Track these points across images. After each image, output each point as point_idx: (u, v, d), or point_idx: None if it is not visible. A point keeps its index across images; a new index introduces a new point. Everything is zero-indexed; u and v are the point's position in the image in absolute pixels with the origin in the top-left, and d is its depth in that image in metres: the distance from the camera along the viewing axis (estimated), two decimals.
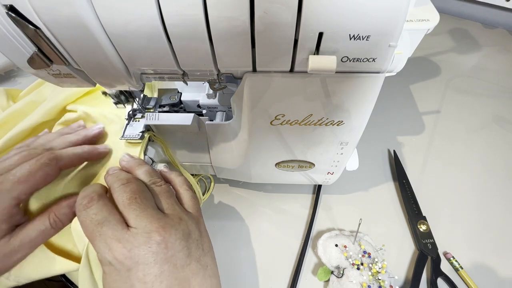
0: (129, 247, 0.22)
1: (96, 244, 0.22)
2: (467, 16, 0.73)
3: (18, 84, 0.58)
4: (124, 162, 0.29)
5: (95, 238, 0.22)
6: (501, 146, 0.47)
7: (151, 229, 0.22)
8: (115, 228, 0.22)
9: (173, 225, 0.23)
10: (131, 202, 0.23)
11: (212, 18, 0.19)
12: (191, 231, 0.25)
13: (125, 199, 0.23)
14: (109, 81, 0.24)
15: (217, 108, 0.36)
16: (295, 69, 0.23)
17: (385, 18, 0.19)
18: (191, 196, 0.28)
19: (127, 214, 0.23)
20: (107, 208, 0.23)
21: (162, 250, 0.22)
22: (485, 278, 0.34)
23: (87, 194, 0.24)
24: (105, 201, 0.24)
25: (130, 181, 0.25)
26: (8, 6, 0.18)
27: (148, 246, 0.22)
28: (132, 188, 0.24)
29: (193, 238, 0.25)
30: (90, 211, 0.23)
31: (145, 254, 0.22)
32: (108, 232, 0.22)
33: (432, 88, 0.57)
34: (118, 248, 0.21)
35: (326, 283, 0.34)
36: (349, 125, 0.28)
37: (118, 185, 0.25)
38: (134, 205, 0.23)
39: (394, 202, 0.41)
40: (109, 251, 0.22)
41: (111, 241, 0.22)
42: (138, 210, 0.23)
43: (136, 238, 0.22)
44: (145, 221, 0.22)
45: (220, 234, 0.39)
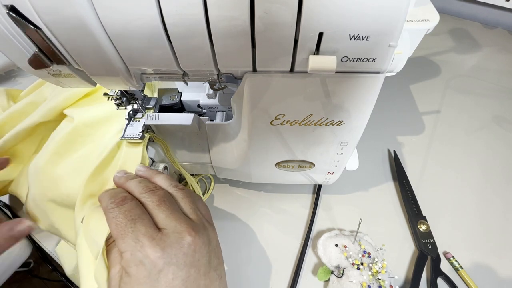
0: (162, 246, 0.21)
1: (126, 241, 0.22)
2: (467, 16, 0.73)
3: (18, 84, 0.58)
4: (141, 172, 0.29)
5: (127, 234, 0.22)
6: (501, 146, 0.47)
7: (181, 229, 0.22)
8: (149, 225, 0.22)
9: (200, 229, 0.24)
10: (160, 203, 0.24)
11: (212, 18, 0.19)
12: (211, 239, 0.25)
13: (155, 201, 0.24)
14: (110, 81, 0.24)
15: (217, 108, 0.36)
16: (295, 69, 0.23)
17: (385, 18, 0.19)
18: (205, 207, 0.29)
19: (157, 215, 0.23)
20: (140, 208, 0.23)
21: (191, 253, 0.22)
22: (485, 278, 0.34)
23: (117, 194, 0.24)
24: (138, 202, 0.24)
25: (157, 188, 0.25)
26: (9, 6, 0.18)
27: (180, 246, 0.22)
28: (159, 194, 0.25)
29: (212, 246, 0.25)
30: (123, 208, 0.23)
31: (177, 254, 0.21)
32: (142, 228, 0.22)
33: (432, 88, 0.57)
34: (152, 246, 0.21)
35: (326, 283, 0.34)
36: (349, 125, 0.28)
37: (146, 190, 0.25)
38: (164, 206, 0.23)
39: (394, 202, 0.41)
40: (141, 248, 0.21)
41: (143, 237, 0.21)
42: (167, 211, 0.23)
43: (169, 237, 0.22)
44: (175, 222, 0.23)
45: (220, 234, 0.38)
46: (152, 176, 0.28)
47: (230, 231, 0.39)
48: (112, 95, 0.31)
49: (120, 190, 0.25)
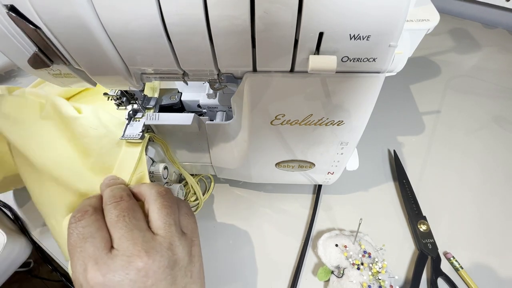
0: (105, 271, 0.20)
1: (74, 261, 0.21)
2: (467, 16, 0.73)
3: (18, 84, 0.58)
4: None
5: (75, 253, 0.21)
6: (501, 146, 0.47)
7: (133, 253, 0.20)
8: (98, 246, 0.21)
9: (160, 251, 0.21)
10: (118, 219, 0.22)
11: (213, 18, 0.19)
12: (179, 259, 0.23)
13: (114, 216, 0.22)
14: (109, 81, 0.24)
15: (217, 108, 0.36)
16: (295, 69, 0.23)
17: (385, 18, 0.19)
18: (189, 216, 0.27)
19: (113, 233, 0.22)
20: (97, 224, 0.22)
21: (141, 279, 0.20)
22: (485, 278, 0.34)
23: (83, 207, 0.23)
24: (97, 217, 0.23)
25: (122, 199, 0.24)
26: (9, 6, 0.18)
27: (126, 273, 0.20)
28: (123, 206, 0.23)
29: (181, 265, 0.23)
30: (79, 224, 0.22)
31: (121, 280, 0.20)
32: (90, 249, 0.21)
33: (432, 88, 0.57)
34: (93, 271, 0.20)
35: (326, 283, 0.34)
36: (349, 125, 0.28)
37: (111, 201, 0.24)
38: (121, 223, 0.22)
39: (394, 202, 0.41)
40: (84, 271, 0.20)
41: (89, 260, 0.20)
42: (124, 230, 0.21)
43: (115, 261, 0.20)
44: (128, 242, 0.21)
45: (220, 234, 0.39)
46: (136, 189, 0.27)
47: (230, 231, 0.39)
48: (112, 95, 0.31)
49: (88, 202, 0.24)
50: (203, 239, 0.31)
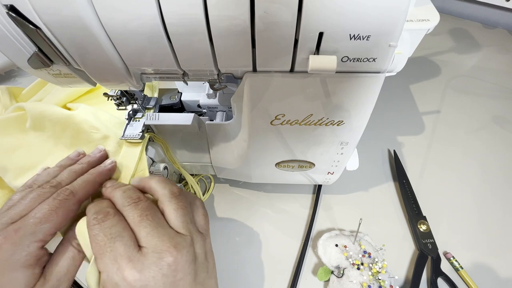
0: (140, 268, 0.20)
1: (104, 261, 0.21)
2: (467, 16, 0.73)
3: (18, 84, 0.58)
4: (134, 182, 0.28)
5: (105, 254, 0.21)
6: (501, 146, 0.47)
7: (162, 249, 0.21)
8: (128, 244, 0.21)
9: (185, 246, 0.22)
10: (142, 219, 0.22)
11: (213, 18, 0.19)
12: (198, 254, 0.24)
13: (137, 216, 0.23)
14: (109, 81, 0.24)
15: (217, 108, 0.36)
16: (295, 69, 0.23)
17: (385, 18, 0.19)
18: (203, 214, 0.27)
19: (138, 232, 0.22)
20: (122, 224, 0.22)
21: (172, 273, 0.21)
22: (485, 278, 0.34)
23: (101, 208, 0.23)
24: (120, 217, 0.23)
25: (140, 199, 0.24)
26: (9, 6, 0.18)
27: (159, 268, 0.21)
28: (142, 206, 0.23)
29: (199, 260, 0.24)
30: (104, 225, 0.22)
31: (155, 276, 0.21)
32: (120, 248, 0.21)
33: (432, 88, 0.57)
34: (128, 268, 0.20)
35: (326, 283, 0.34)
36: (349, 125, 0.28)
37: (129, 202, 0.24)
38: (145, 222, 0.22)
39: (394, 202, 0.41)
40: (118, 270, 0.20)
41: (121, 259, 0.21)
42: (149, 228, 0.22)
43: (147, 258, 0.21)
44: (156, 240, 0.21)
45: (220, 234, 0.39)
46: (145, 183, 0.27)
47: (230, 231, 0.39)
48: (112, 95, 0.31)
49: (106, 204, 0.24)
50: None
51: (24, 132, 0.35)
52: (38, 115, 0.33)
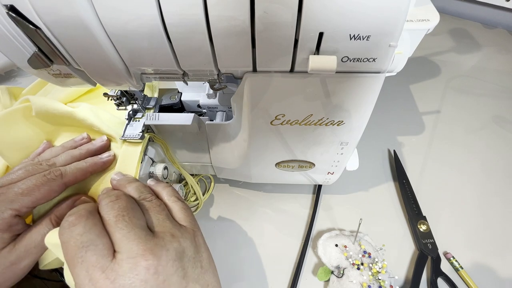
0: (113, 277, 0.19)
1: (76, 272, 0.20)
2: (467, 16, 0.73)
3: (18, 84, 0.58)
4: (114, 181, 0.28)
5: (76, 264, 0.20)
6: (501, 146, 0.47)
7: (137, 253, 0.20)
8: (101, 254, 0.20)
9: (164, 245, 0.21)
10: (117, 220, 0.21)
11: (212, 18, 0.19)
12: (185, 249, 0.22)
13: (112, 216, 0.21)
14: (109, 81, 0.24)
15: (217, 108, 0.36)
16: (295, 69, 0.23)
17: (385, 18, 0.19)
18: (181, 208, 0.26)
19: (113, 234, 0.21)
20: (95, 229, 0.21)
21: (152, 276, 0.20)
22: (485, 278, 0.34)
23: (76, 211, 0.22)
24: (95, 221, 0.21)
25: (118, 197, 0.23)
26: (9, 6, 0.18)
27: (135, 274, 0.19)
28: (120, 205, 0.22)
29: (189, 256, 0.22)
30: (75, 230, 0.20)
31: (132, 283, 0.19)
32: (92, 258, 0.19)
33: (432, 88, 0.57)
34: (101, 279, 0.19)
35: (326, 283, 0.34)
36: (349, 125, 0.28)
37: (107, 202, 0.23)
38: (121, 223, 0.21)
39: (394, 202, 0.41)
40: (90, 282, 0.19)
41: (93, 270, 0.19)
42: (125, 230, 0.21)
43: (121, 265, 0.19)
44: (131, 243, 0.20)
45: (220, 234, 0.39)
46: (123, 186, 0.26)
47: (230, 231, 0.39)
48: (112, 95, 0.31)
49: (82, 206, 0.23)
50: None
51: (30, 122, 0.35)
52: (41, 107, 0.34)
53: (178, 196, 0.27)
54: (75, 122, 0.34)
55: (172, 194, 0.27)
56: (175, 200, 0.26)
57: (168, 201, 0.26)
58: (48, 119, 0.35)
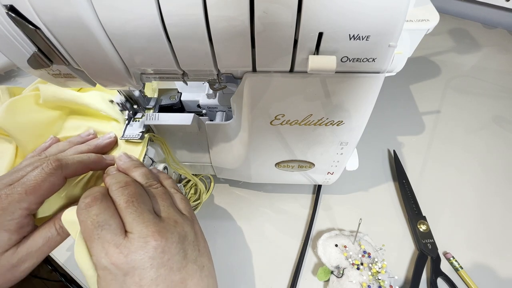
0: (126, 252, 0.21)
1: (94, 247, 0.22)
2: (467, 16, 0.73)
3: (18, 84, 0.58)
4: (121, 162, 0.29)
5: (93, 240, 0.22)
6: (501, 146, 0.47)
7: (147, 234, 0.22)
8: (115, 232, 0.22)
9: (169, 229, 0.23)
10: (128, 205, 0.23)
11: (212, 18, 0.19)
12: (187, 233, 0.25)
13: (123, 202, 0.23)
14: (109, 81, 0.24)
15: (217, 108, 0.36)
16: (295, 69, 0.23)
17: (385, 18, 0.19)
18: (181, 198, 0.28)
19: (124, 217, 0.23)
20: (109, 211, 0.23)
21: (159, 255, 0.22)
22: (485, 278, 0.34)
23: (91, 193, 0.24)
24: (108, 203, 0.23)
25: (128, 184, 0.25)
26: (8, 6, 0.18)
27: (145, 251, 0.22)
28: (130, 191, 0.24)
29: (189, 240, 0.25)
30: (91, 211, 0.23)
31: (142, 259, 0.22)
32: (107, 236, 0.22)
33: (432, 88, 0.57)
34: (115, 254, 0.21)
35: (326, 283, 0.34)
36: (349, 125, 0.28)
37: (117, 187, 0.24)
38: (131, 208, 0.23)
39: (394, 202, 0.41)
40: (106, 255, 0.21)
41: (108, 245, 0.22)
42: (135, 214, 0.23)
43: (133, 243, 0.22)
44: (141, 226, 0.22)
45: (220, 234, 0.39)
46: (131, 170, 0.28)
47: (230, 231, 0.39)
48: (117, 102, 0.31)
49: (96, 189, 0.25)
50: None
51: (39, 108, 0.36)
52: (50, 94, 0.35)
53: (177, 188, 0.29)
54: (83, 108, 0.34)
55: (172, 186, 0.29)
56: (175, 192, 0.28)
57: (169, 191, 0.28)
58: (56, 105, 0.36)
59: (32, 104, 0.36)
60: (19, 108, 0.34)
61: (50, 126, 0.36)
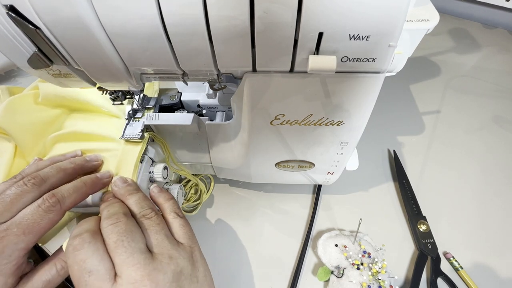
0: None
1: None
2: (467, 16, 0.73)
3: (18, 84, 0.58)
4: (116, 188, 0.28)
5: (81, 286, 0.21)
6: (501, 146, 0.47)
7: (136, 279, 0.21)
8: (103, 278, 0.21)
9: (161, 269, 0.22)
10: (117, 245, 0.22)
11: (212, 18, 0.19)
12: (182, 268, 0.23)
13: (112, 242, 0.22)
14: (109, 81, 0.24)
15: (217, 108, 0.36)
16: (295, 69, 0.23)
17: (385, 18, 0.19)
18: (180, 225, 0.27)
19: (114, 258, 0.22)
20: (97, 254, 0.22)
21: None
22: (485, 278, 0.34)
23: (79, 232, 0.23)
24: (97, 245, 0.22)
25: (119, 220, 0.24)
26: (8, 6, 0.18)
27: None
28: (120, 229, 0.23)
29: (186, 274, 0.24)
30: (78, 256, 0.22)
31: None
32: (95, 283, 0.21)
33: (432, 88, 0.57)
34: None
35: (326, 283, 0.34)
36: (349, 125, 0.28)
37: (107, 224, 0.23)
38: (120, 249, 0.22)
39: (394, 202, 0.41)
40: None
41: None
42: (124, 256, 0.22)
43: None
44: (130, 269, 0.21)
45: (220, 234, 0.39)
46: (125, 197, 0.27)
47: (230, 231, 0.39)
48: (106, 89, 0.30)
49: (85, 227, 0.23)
50: (203, 239, 0.31)
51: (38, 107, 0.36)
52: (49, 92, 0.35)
53: (178, 212, 0.28)
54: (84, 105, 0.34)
55: (172, 210, 0.28)
56: (175, 217, 0.27)
57: (168, 217, 0.27)
58: (56, 104, 0.36)
59: (31, 103, 0.36)
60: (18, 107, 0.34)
61: (49, 125, 0.36)
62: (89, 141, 0.34)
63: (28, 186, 0.25)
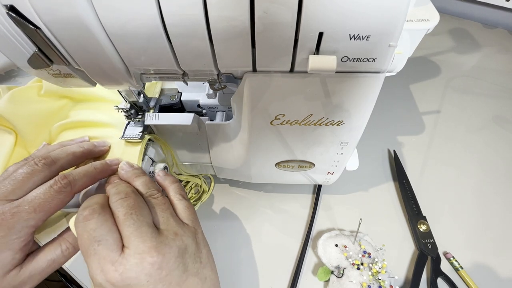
0: (121, 270, 0.21)
1: (90, 262, 0.22)
2: (467, 16, 0.73)
3: (18, 84, 0.58)
4: (123, 171, 0.28)
5: (90, 255, 0.22)
6: (501, 146, 0.47)
7: (143, 250, 0.22)
8: (111, 248, 0.22)
9: (168, 243, 0.23)
10: (126, 218, 0.23)
11: (212, 18, 0.19)
12: (187, 245, 0.24)
13: (121, 214, 0.23)
14: (109, 81, 0.24)
15: (217, 108, 0.36)
16: (295, 69, 0.23)
17: (385, 18, 0.19)
18: (185, 206, 0.27)
19: (122, 230, 0.22)
20: (107, 225, 0.22)
21: (156, 271, 0.22)
22: (485, 278, 0.34)
23: (89, 204, 0.23)
24: (106, 216, 0.23)
25: (128, 195, 0.24)
26: (9, 6, 0.18)
27: (141, 268, 0.21)
28: (129, 203, 0.24)
29: (190, 252, 0.24)
30: (89, 225, 0.22)
31: (137, 276, 0.21)
32: (103, 252, 0.21)
33: (432, 88, 0.57)
34: (110, 271, 0.21)
35: (326, 283, 0.34)
36: (349, 125, 0.28)
37: (116, 199, 0.24)
38: (129, 221, 0.23)
39: (394, 202, 0.41)
40: (101, 272, 0.21)
41: (104, 262, 0.21)
42: (133, 227, 0.22)
43: (129, 260, 0.21)
44: (138, 240, 0.22)
45: (220, 234, 0.39)
46: (131, 179, 0.27)
47: (230, 231, 0.39)
48: (122, 108, 0.31)
49: (95, 200, 0.24)
50: None
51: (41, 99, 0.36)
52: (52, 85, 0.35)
53: (183, 194, 0.28)
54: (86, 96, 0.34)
55: (177, 192, 0.28)
56: (180, 199, 0.28)
57: (173, 198, 0.28)
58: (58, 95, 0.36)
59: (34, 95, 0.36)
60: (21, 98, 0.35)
61: (52, 116, 0.36)
62: (95, 128, 0.34)
63: (39, 166, 0.25)
